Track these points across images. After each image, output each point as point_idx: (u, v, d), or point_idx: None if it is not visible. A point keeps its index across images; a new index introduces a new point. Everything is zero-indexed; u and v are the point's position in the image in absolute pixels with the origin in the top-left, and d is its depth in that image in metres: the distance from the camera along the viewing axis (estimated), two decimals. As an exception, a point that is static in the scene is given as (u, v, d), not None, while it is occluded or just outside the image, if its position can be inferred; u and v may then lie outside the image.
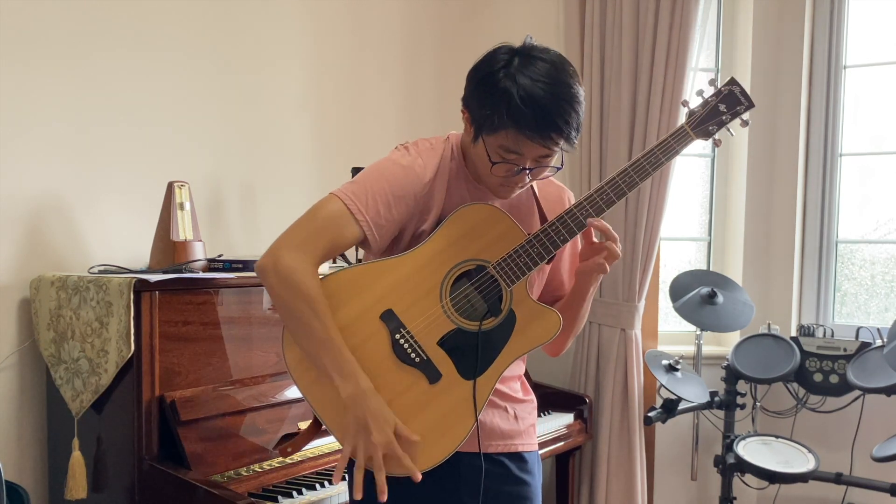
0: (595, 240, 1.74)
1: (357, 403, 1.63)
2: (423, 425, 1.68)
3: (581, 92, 1.66)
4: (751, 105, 1.78)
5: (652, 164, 1.74)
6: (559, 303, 1.88)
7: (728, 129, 1.79)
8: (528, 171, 1.69)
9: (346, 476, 1.76)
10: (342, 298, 1.70)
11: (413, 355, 1.69)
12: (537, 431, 1.95)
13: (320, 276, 1.71)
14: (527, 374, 1.97)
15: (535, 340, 1.73)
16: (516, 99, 1.60)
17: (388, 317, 1.70)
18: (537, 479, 1.89)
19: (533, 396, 1.93)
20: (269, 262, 1.69)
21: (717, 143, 1.81)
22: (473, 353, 1.70)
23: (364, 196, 1.70)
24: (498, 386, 1.79)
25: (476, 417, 1.68)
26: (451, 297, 1.72)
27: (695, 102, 1.79)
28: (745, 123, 1.80)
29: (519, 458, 1.85)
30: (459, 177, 1.79)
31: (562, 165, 1.72)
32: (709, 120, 1.77)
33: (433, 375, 1.69)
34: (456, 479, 1.79)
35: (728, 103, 1.76)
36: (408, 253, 1.73)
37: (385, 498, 1.61)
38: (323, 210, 1.71)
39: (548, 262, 1.76)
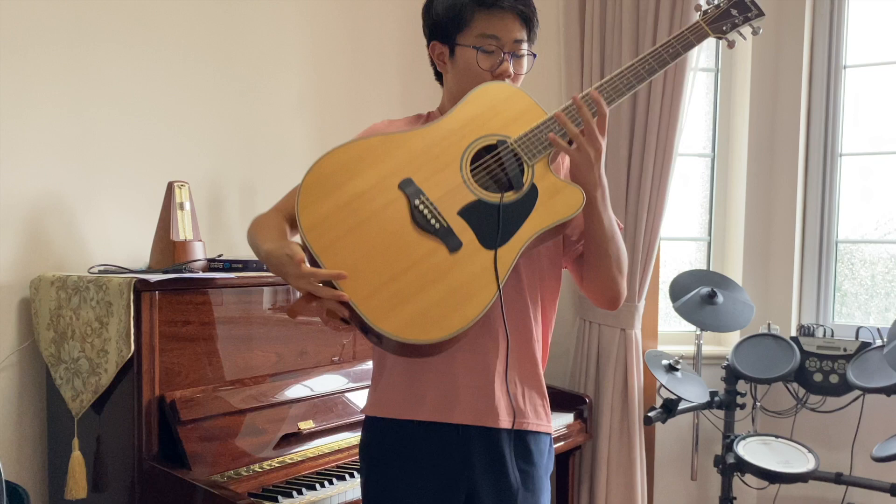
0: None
1: (269, 263, 1.70)
2: (442, 291, 1.63)
3: None
4: (760, 13, 1.87)
5: (670, 53, 1.80)
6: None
7: (740, 33, 1.88)
8: (508, 57, 1.78)
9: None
10: (357, 167, 1.69)
11: (433, 222, 1.66)
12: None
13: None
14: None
15: (558, 214, 1.70)
16: None
17: (407, 184, 1.68)
18: (541, 461, 1.86)
19: (544, 386, 1.91)
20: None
21: (730, 45, 1.88)
22: (494, 223, 1.67)
23: None
24: (516, 364, 1.80)
25: (499, 286, 1.64)
26: (472, 169, 1.72)
27: (707, 7, 1.89)
28: (755, 31, 1.89)
29: (522, 437, 1.82)
30: None
31: (535, 54, 1.84)
32: (722, 20, 1.86)
33: (453, 244, 1.66)
34: (464, 451, 1.79)
35: (739, 9, 1.87)
36: (426, 127, 1.76)
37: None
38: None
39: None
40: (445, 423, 1.78)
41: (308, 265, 1.63)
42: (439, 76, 1.94)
